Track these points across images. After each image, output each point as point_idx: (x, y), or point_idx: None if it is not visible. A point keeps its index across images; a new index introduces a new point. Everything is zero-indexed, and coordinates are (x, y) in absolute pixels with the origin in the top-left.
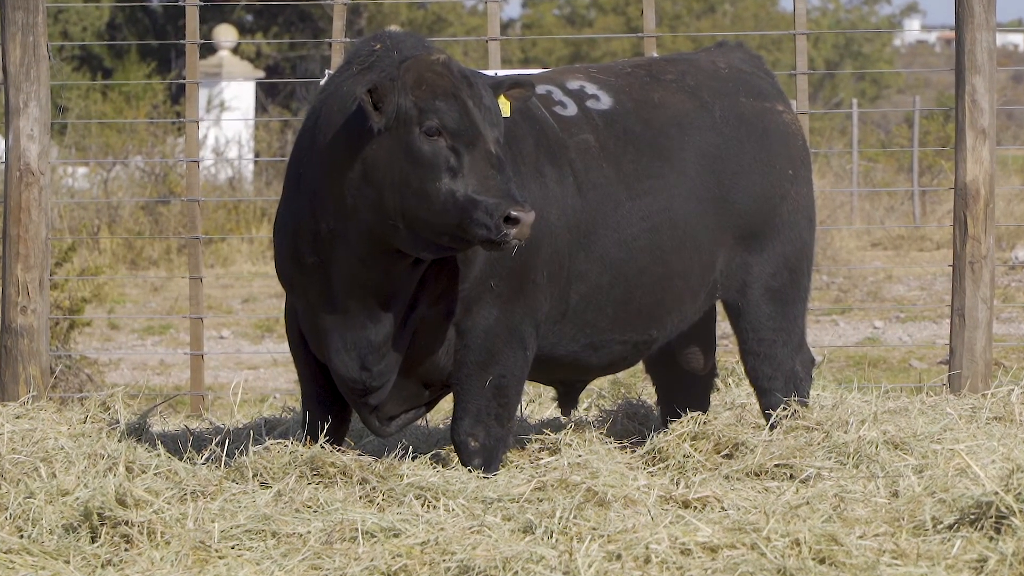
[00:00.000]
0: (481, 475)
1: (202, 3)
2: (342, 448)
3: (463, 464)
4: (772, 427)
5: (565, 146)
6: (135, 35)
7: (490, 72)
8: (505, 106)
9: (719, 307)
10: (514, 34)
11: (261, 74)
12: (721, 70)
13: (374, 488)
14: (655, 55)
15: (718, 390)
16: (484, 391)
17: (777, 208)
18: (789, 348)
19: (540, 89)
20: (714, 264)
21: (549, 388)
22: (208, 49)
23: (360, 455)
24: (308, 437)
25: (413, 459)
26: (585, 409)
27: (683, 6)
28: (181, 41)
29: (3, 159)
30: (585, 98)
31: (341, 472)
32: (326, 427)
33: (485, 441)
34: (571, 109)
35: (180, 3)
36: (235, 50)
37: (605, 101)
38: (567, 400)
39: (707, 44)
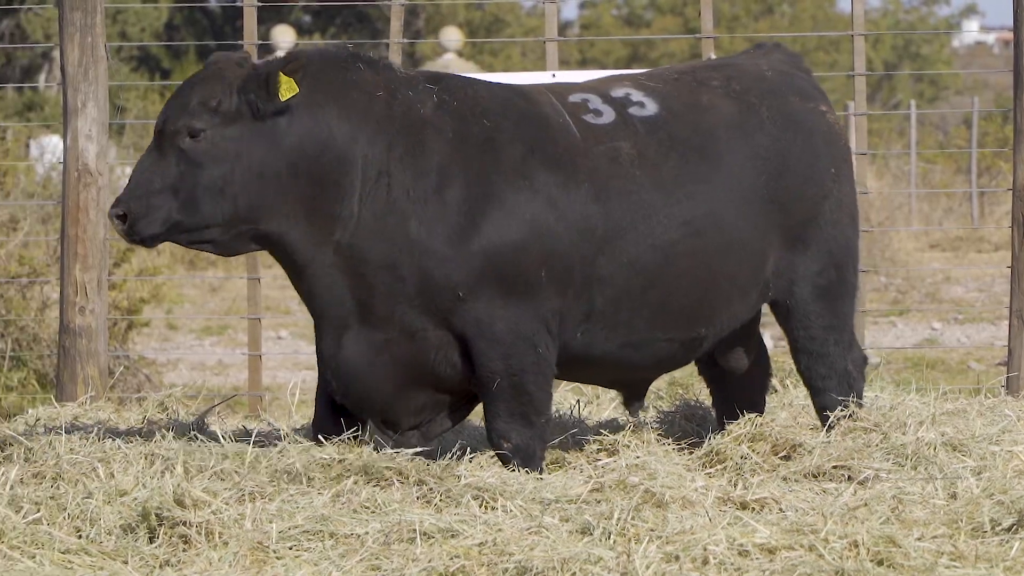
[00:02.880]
0: (537, 476)
1: (260, 4)
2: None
3: (503, 465)
4: (829, 428)
5: (585, 154)
6: (193, 36)
7: (547, 73)
8: (289, 84)
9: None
10: (572, 35)
11: None
12: (765, 72)
13: (431, 489)
14: (712, 56)
15: (775, 391)
16: (502, 392)
17: (820, 207)
18: (841, 347)
19: (575, 98)
20: (765, 264)
21: (607, 390)
22: (266, 50)
23: (415, 456)
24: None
25: (470, 460)
26: (643, 411)
27: (741, 7)
28: (239, 42)
29: (61, 159)
30: (628, 105)
31: (398, 473)
32: (343, 428)
33: (518, 442)
34: (607, 117)
35: (238, 4)
36: None
37: (650, 107)
38: (632, 401)
39: None
